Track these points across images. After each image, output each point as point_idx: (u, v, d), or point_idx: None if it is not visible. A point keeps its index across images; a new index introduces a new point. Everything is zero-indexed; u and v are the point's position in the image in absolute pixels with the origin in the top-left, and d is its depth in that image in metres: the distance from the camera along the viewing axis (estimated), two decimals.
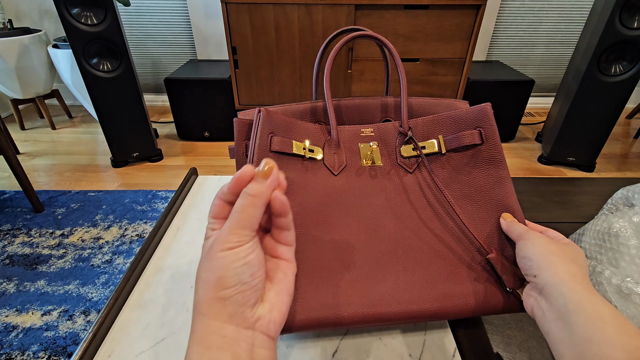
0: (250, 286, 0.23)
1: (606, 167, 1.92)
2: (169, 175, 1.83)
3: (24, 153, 2.01)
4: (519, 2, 2.32)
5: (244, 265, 0.23)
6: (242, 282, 0.23)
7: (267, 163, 0.24)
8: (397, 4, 1.70)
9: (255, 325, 0.23)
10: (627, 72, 1.59)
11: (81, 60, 1.59)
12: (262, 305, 0.24)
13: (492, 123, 0.38)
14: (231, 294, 0.22)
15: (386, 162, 0.40)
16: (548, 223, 0.40)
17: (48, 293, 1.17)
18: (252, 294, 0.23)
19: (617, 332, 0.23)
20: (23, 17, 2.33)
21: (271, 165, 0.25)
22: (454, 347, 0.37)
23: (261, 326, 0.24)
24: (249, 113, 0.40)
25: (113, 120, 1.75)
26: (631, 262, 0.37)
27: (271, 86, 1.94)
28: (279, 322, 0.25)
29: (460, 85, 1.93)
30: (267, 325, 0.24)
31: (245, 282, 0.23)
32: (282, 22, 1.75)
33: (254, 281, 0.23)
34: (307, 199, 0.37)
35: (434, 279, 0.34)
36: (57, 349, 1.00)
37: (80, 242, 1.38)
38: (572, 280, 0.27)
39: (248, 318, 0.23)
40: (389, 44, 0.41)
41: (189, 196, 0.60)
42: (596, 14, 1.59)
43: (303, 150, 0.38)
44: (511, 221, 0.35)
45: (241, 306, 0.23)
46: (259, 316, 0.24)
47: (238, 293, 0.23)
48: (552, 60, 2.52)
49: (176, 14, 2.35)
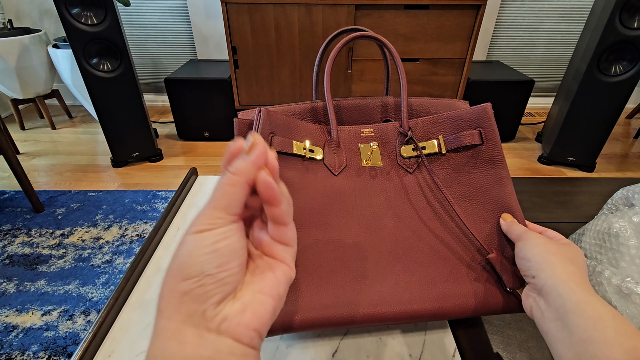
0: (216, 279, 0.19)
1: (606, 167, 1.92)
2: (169, 175, 1.83)
3: (24, 153, 2.01)
4: (519, 2, 2.32)
5: (210, 253, 0.19)
6: (204, 273, 0.19)
7: (252, 138, 0.21)
8: (397, 4, 1.70)
9: (220, 327, 0.19)
10: (627, 72, 1.59)
11: (81, 60, 1.59)
12: (230, 303, 0.20)
13: (492, 123, 0.38)
14: (190, 287, 0.19)
15: (386, 162, 0.40)
16: (548, 223, 0.40)
17: (48, 293, 1.17)
18: (217, 289, 0.19)
19: (615, 332, 0.23)
20: (23, 17, 2.33)
21: (254, 139, 0.21)
22: (454, 347, 0.37)
23: (228, 329, 0.19)
24: (249, 113, 0.40)
25: (113, 120, 1.75)
26: (631, 262, 0.37)
27: (271, 86, 1.94)
28: (254, 326, 0.20)
29: (460, 85, 1.93)
30: (236, 328, 0.19)
31: (209, 273, 0.19)
32: (282, 22, 1.75)
33: (222, 274, 0.19)
34: (308, 199, 0.37)
35: (434, 279, 0.34)
36: (57, 349, 1.00)
37: (80, 242, 1.38)
38: (570, 281, 0.27)
39: (210, 318, 0.19)
40: (389, 44, 0.41)
41: (189, 196, 0.60)
42: (596, 14, 1.59)
43: (303, 150, 0.38)
44: (510, 222, 0.35)
45: (202, 303, 0.19)
46: (224, 316, 0.19)
47: (199, 286, 0.19)
48: (552, 60, 2.52)
49: (176, 14, 2.35)
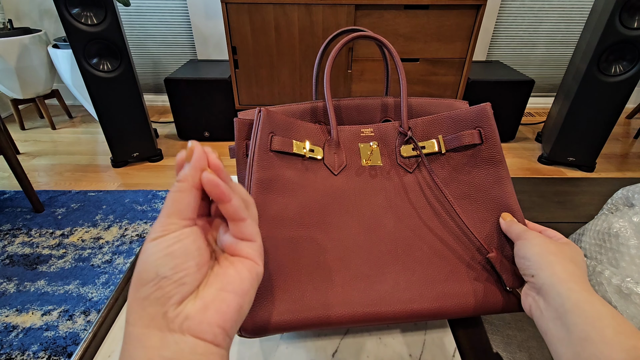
0: (172, 281, 0.20)
1: (606, 167, 1.92)
2: (169, 175, 1.83)
3: (24, 153, 2.01)
4: (519, 2, 2.32)
5: (164, 257, 0.20)
6: (160, 275, 0.20)
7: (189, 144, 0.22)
8: (397, 4, 1.70)
9: (182, 326, 0.20)
10: (627, 72, 1.59)
11: (81, 60, 1.59)
12: (192, 303, 0.20)
13: (492, 123, 0.38)
14: (149, 291, 0.20)
15: (386, 162, 0.41)
16: (548, 223, 0.40)
17: (48, 293, 1.17)
18: (175, 290, 0.20)
19: (614, 331, 0.23)
20: (23, 17, 2.33)
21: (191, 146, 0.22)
22: (454, 347, 0.37)
23: (190, 327, 0.20)
24: (249, 113, 0.40)
25: (113, 120, 1.75)
26: (631, 262, 0.37)
27: (271, 86, 1.94)
28: (217, 323, 0.21)
29: (460, 85, 1.93)
30: (198, 326, 0.20)
31: (164, 275, 0.20)
32: (282, 22, 1.75)
33: (177, 275, 0.20)
34: (307, 199, 0.37)
35: (434, 278, 0.34)
36: (57, 349, 1.00)
37: (80, 242, 1.38)
38: (569, 280, 0.27)
39: (171, 318, 0.20)
40: (389, 45, 0.41)
41: None
42: (596, 14, 1.59)
43: (303, 150, 0.38)
44: (510, 221, 0.35)
45: (162, 305, 0.20)
46: (186, 315, 0.20)
47: (157, 290, 0.20)
48: (552, 60, 2.52)
49: (176, 14, 2.35)
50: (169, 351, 0.19)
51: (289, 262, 0.33)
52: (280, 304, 0.32)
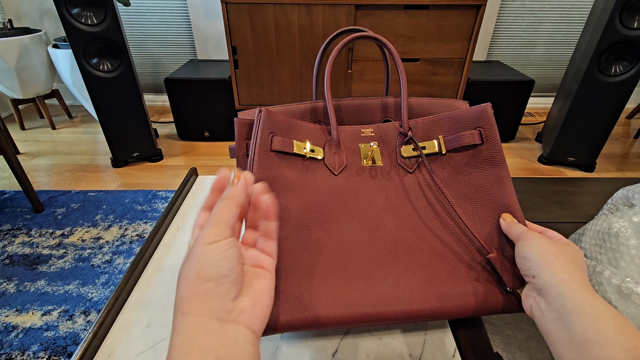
0: (230, 279, 0.24)
1: (606, 167, 1.92)
2: (169, 175, 1.83)
3: (24, 153, 2.01)
4: (519, 2, 2.32)
5: (222, 260, 0.24)
6: (221, 274, 0.23)
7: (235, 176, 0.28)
8: (397, 4, 1.70)
9: (238, 318, 0.24)
10: (627, 72, 1.59)
11: (81, 60, 1.59)
12: (244, 299, 0.25)
13: (492, 123, 0.38)
14: (211, 287, 0.23)
15: (386, 162, 0.40)
16: (548, 223, 0.40)
17: (48, 293, 1.17)
18: (232, 287, 0.24)
19: (615, 332, 0.23)
20: (23, 17, 2.33)
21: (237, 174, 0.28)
22: (454, 347, 0.37)
23: (245, 320, 0.24)
24: (250, 113, 0.40)
25: (113, 120, 1.75)
26: (631, 262, 0.37)
27: (271, 86, 1.94)
28: (262, 318, 0.25)
29: (460, 86, 1.93)
30: (251, 319, 0.24)
31: (224, 274, 0.24)
32: (282, 22, 1.75)
33: (233, 275, 0.24)
34: (308, 199, 0.37)
35: (434, 278, 0.34)
36: (57, 349, 1.00)
37: (80, 242, 1.38)
38: (570, 281, 0.27)
39: (231, 310, 0.24)
40: (389, 45, 0.41)
41: (189, 196, 0.60)
42: (596, 14, 1.59)
43: (304, 150, 0.38)
44: (511, 221, 0.35)
45: (222, 299, 0.23)
46: (241, 309, 0.24)
47: (218, 286, 0.23)
48: (552, 60, 2.52)
49: (176, 14, 2.35)
50: (227, 338, 0.23)
51: (289, 262, 0.33)
52: (281, 304, 0.32)
